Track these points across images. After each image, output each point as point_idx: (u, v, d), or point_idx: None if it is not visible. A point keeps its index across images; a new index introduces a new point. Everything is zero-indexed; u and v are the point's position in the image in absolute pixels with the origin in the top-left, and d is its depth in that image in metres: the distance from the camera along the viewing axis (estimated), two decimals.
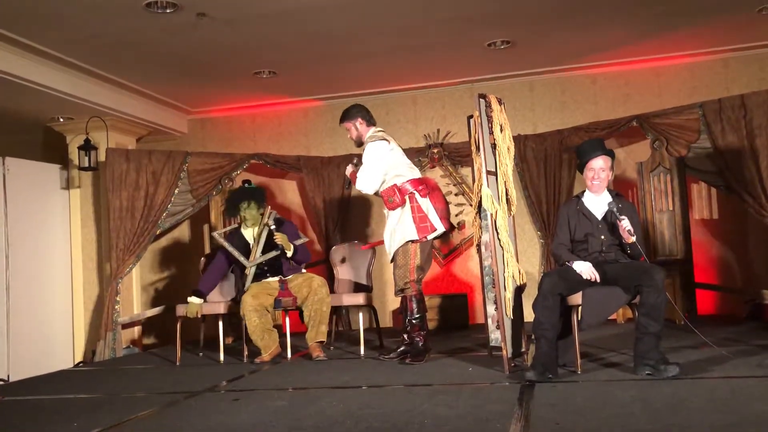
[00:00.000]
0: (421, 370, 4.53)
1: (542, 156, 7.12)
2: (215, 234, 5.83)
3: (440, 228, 4.81)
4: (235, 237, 5.67)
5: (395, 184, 4.83)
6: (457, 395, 3.67)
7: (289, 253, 5.39)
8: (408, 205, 4.79)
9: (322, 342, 5.30)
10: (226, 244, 5.57)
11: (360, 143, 5.11)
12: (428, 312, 5.25)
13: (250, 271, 5.43)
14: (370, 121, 5.11)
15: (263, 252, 5.44)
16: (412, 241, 4.77)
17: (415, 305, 4.81)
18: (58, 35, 5.81)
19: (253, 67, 6.99)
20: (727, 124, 6.18)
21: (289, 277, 5.46)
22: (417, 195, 4.80)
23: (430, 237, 4.81)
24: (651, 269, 3.90)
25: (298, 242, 5.51)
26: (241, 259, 5.46)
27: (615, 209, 4.11)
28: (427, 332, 4.90)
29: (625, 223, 4.03)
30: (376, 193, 4.97)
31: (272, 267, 5.47)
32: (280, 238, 5.36)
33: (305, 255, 5.59)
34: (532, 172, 7.17)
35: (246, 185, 5.97)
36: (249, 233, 5.62)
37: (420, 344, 4.82)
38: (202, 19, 5.56)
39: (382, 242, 5.36)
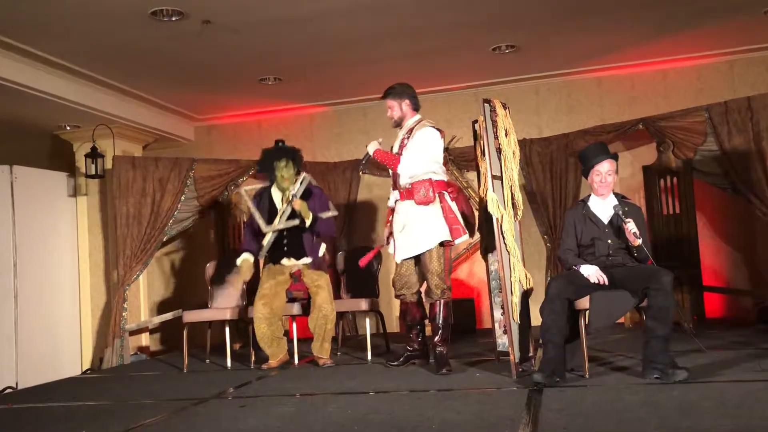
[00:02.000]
0: (428, 376, 4.52)
1: (548, 160, 7.10)
2: (243, 191, 5.56)
3: (467, 234, 4.66)
4: (264, 198, 5.38)
5: (430, 179, 4.63)
6: (465, 400, 3.66)
7: (308, 222, 5.12)
8: (438, 203, 4.61)
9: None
10: (250, 203, 5.34)
11: (398, 124, 4.85)
12: None
13: (267, 239, 5.18)
14: (416, 106, 4.85)
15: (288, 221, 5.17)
16: (445, 243, 4.60)
17: (446, 312, 4.66)
18: (64, 44, 5.85)
19: (259, 74, 7.01)
20: (733, 126, 6.16)
21: (303, 264, 5.24)
22: (447, 195, 4.67)
23: (458, 241, 4.64)
24: (658, 272, 3.88)
25: (324, 215, 5.22)
26: (260, 221, 5.21)
27: (620, 212, 4.11)
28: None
29: (630, 226, 4.02)
30: (398, 183, 4.76)
31: (292, 242, 5.22)
32: (298, 204, 5.11)
33: (328, 228, 5.30)
34: (537, 176, 7.15)
35: (281, 144, 5.63)
36: (279, 198, 5.33)
37: (444, 353, 4.64)
38: (208, 27, 5.59)
39: (378, 249, 5.24)
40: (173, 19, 5.38)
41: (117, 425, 3.61)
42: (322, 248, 5.43)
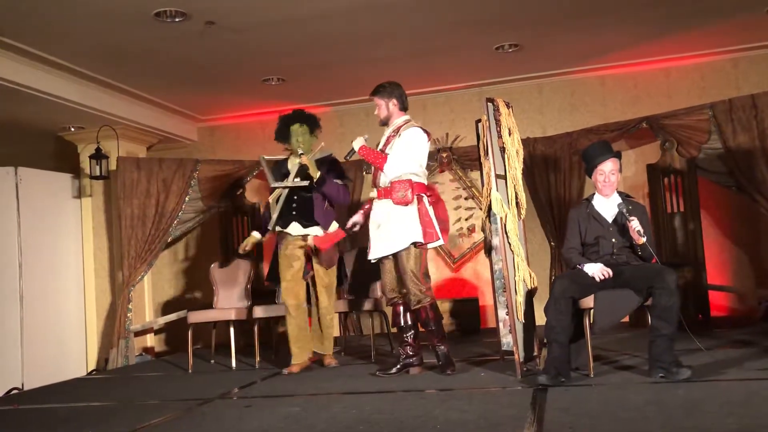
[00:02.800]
0: (432, 376, 4.52)
1: (552, 159, 7.10)
2: (262, 157, 5.46)
3: (441, 240, 4.61)
4: (281, 167, 5.31)
5: (410, 180, 4.58)
6: (469, 400, 3.66)
7: (314, 176, 5.03)
8: (416, 205, 4.57)
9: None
10: (264, 165, 5.30)
11: (384, 123, 4.83)
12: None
13: (277, 196, 5.13)
14: (404, 106, 4.81)
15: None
16: (418, 245, 4.53)
17: (434, 313, 4.59)
18: (68, 45, 5.86)
19: (262, 75, 7.02)
20: (738, 124, 6.14)
21: (312, 236, 5.14)
22: (425, 199, 4.63)
23: (431, 246, 4.59)
24: (663, 271, 3.88)
25: (335, 181, 5.18)
26: (270, 178, 5.20)
27: (624, 210, 4.10)
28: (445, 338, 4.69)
29: (634, 224, 4.01)
30: (378, 181, 4.72)
31: (302, 205, 5.14)
32: (306, 159, 5.05)
33: (338, 193, 5.19)
34: (541, 175, 7.15)
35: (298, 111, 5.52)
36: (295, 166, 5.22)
37: (446, 352, 4.61)
38: (211, 28, 5.60)
39: (341, 234, 5.13)
40: (176, 20, 5.39)
41: (122, 426, 3.62)
42: (334, 225, 5.26)
